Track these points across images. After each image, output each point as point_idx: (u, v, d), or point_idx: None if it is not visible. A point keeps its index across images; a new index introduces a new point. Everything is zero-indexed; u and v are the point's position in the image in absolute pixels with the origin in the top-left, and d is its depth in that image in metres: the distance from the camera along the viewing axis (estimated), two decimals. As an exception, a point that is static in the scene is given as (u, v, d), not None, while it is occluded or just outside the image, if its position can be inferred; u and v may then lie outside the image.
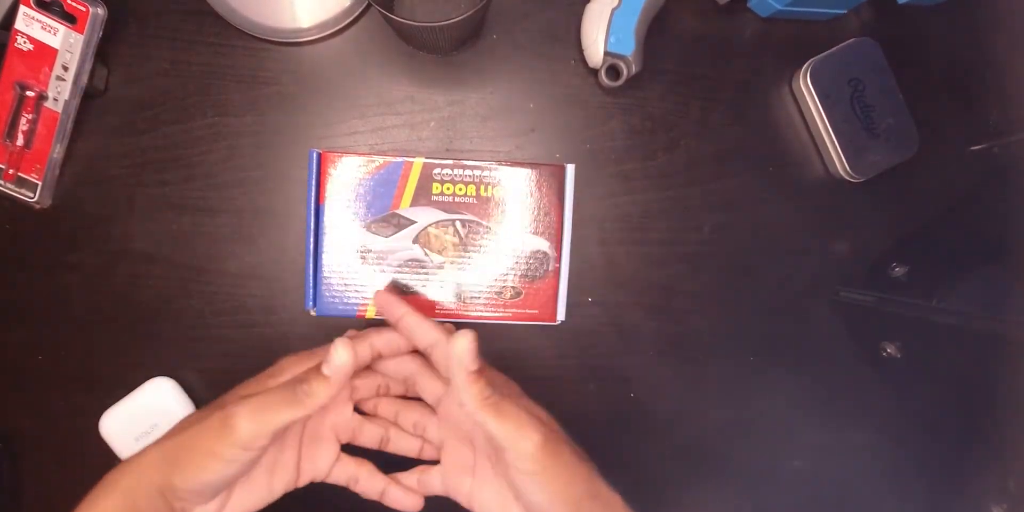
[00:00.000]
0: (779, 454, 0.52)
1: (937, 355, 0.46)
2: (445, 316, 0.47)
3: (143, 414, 0.46)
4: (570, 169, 0.46)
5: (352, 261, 0.45)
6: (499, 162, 0.46)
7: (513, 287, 0.46)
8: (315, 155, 0.45)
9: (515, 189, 0.46)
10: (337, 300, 0.46)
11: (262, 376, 0.38)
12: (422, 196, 0.45)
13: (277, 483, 0.36)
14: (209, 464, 0.32)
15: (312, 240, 0.45)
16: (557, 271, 0.47)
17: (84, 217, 0.48)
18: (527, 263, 0.46)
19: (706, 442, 0.51)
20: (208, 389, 0.49)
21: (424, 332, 0.37)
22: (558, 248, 0.46)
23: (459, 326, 0.48)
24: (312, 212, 0.45)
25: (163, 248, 0.48)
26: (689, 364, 0.51)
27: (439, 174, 0.45)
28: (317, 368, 0.34)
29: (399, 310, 0.38)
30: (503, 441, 0.33)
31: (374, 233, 0.45)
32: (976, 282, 0.44)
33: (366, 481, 0.39)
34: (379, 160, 0.45)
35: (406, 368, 0.40)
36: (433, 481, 0.39)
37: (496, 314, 0.47)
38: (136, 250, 0.48)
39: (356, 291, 0.46)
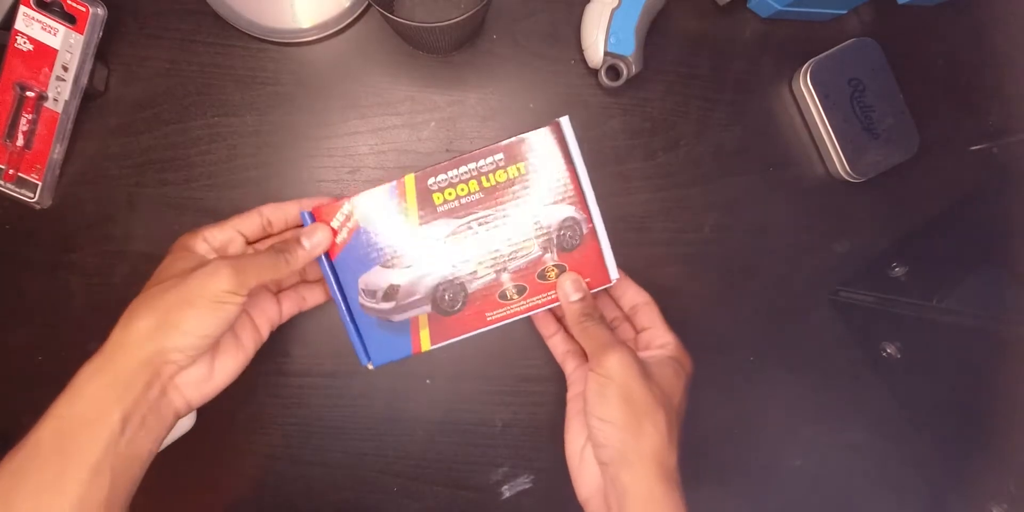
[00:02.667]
0: (779, 454, 0.52)
1: (937, 355, 0.46)
2: (500, 320, 0.43)
3: (143, 414, 0.46)
4: (565, 122, 0.41)
5: (384, 302, 0.42)
6: (489, 147, 0.41)
7: (555, 265, 0.43)
8: (307, 216, 0.41)
9: (517, 167, 0.42)
10: (385, 344, 0.43)
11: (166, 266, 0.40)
12: (428, 212, 0.42)
13: (248, 342, 0.41)
14: (208, 313, 0.36)
15: (340, 298, 0.42)
16: (593, 231, 0.42)
17: (84, 217, 0.48)
18: (559, 235, 0.42)
19: (706, 442, 0.51)
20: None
21: (636, 292, 0.46)
22: (584, 208, 0.42)
23: (507, 323, 0.43)
24: (329, 272, 0.42)
25: (163, 248, 0.48)
26: (689, 364, 0.51)
27: (434, 183, 0.41)
28: (297, 240, 0.40)
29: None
30: (588, 352, 0.41)
31: (394, 267, 0.42)
32: (976, 282, 0.44)
33: (311, 297, 0.45)
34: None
35: None
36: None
37: (550, 297, 0.43)
38: (136, 250, 0.48)
39: (399, 328, 0.43)
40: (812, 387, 0.52)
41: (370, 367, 0.42)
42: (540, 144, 0.41)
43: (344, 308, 0.42)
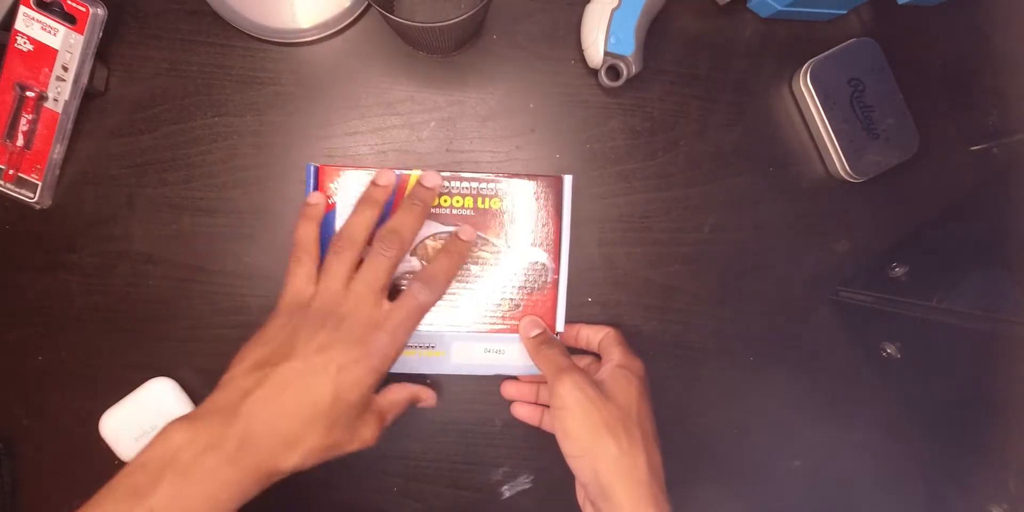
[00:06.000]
0: (779, 454, 0.52)
1: (937, 355, 0.46)
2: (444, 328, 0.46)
3: (143, 414, 0.46)
4: (567, 180, 0.46)
5: None
6: (497, 174, 0.46)
7: (511, 299, 0.46)
8: (312, 169, 0.44)
9: (513, 201, 0.46)
10: None
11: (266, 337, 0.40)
12: None
13: None
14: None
15: None
16: (556, 282, 0.46)
17: (84, 217, 0.48)
18: (525, 275, 0.46)
19: (706, 442, 0.51)
20: (208, 389, 0.48)
21: (596, 330, 0.47)
22: (556, 259, 0.46)
23: (456, 339, 0.47)
24: None
25: (163, 248, 0.48)
26: (689, 364, 0.51)
27: None
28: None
29: (574, 328, 0.48)
30: (547, 378, 0.42)
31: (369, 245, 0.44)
32: (976, 282, 0.44)
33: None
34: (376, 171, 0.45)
35: None
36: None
37: (495, 327, 0.46)
38: (136, 250, 0.48)
39: None
40: (812, 387, 0.52)
41: None
42: (540, 189, 0.46)
43: None
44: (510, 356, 0.46)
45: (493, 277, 0.46)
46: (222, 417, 0.36)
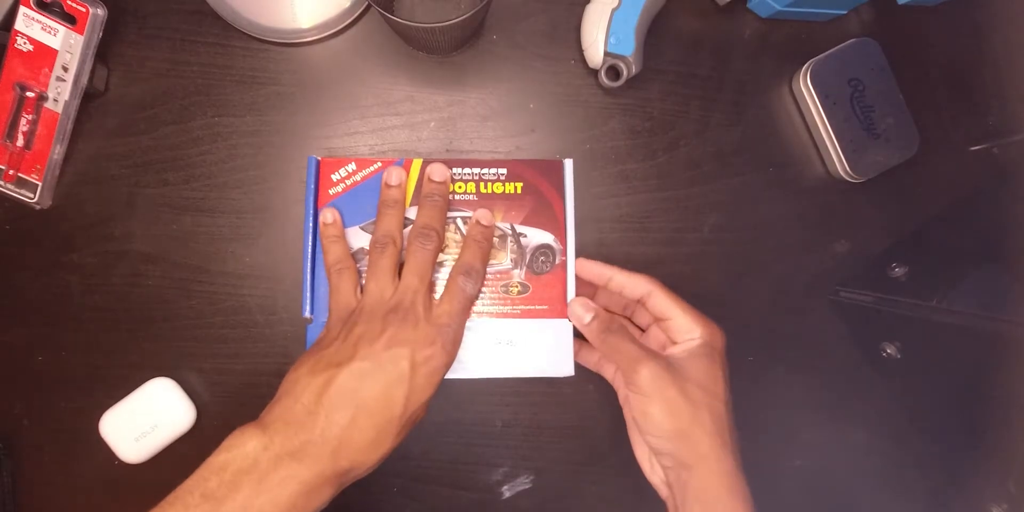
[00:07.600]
0: (779, 454, 0.52)
1: (937, 355, 0.46)
2: None
3: (143, 414, 0.46)
4: (568, 163, 0.46)
5: None
6: (496, 160, 0.46)
7: (520, 282, 0.45)
8: (314, 162, 0.44)
9: (515, 185, 0.46)
10: None
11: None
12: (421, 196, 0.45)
13: None
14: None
15: (310, 247, 0.45)
16: (564, 264, 0.46)
17: (84, 217, 0.48)
18: (532, 257, 0.46)
19: (706, 442, 0.51)
20: (208, 389, 0.49)
21: (634, 285, 0.43)
22: (563, 241, 0.46)
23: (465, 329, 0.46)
24: (311, 219, 0.45)
25: (163, 248, 0.48)
26: (689, 364, 0.51)
27: None
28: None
29: (608, 272, 0.44)
30: (619, 368, 0.41)
31: (371, 234, 0.45)
32: (976, 282, 0.44)
33: None
34: (378, 164, 0.45)
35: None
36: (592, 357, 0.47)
37: (505, 310, 0.45)
38: (136, 250, 0.48)
39: None
40: (812, 387, 0.52)
41: (309, 318, 0.44)
42: (542, 173, 0.45)
43: (310, 255, 0.44)
44: (520, 350, 0.45)
45: (500, 261, 0.46)
46: (298, 422, 0.35)
